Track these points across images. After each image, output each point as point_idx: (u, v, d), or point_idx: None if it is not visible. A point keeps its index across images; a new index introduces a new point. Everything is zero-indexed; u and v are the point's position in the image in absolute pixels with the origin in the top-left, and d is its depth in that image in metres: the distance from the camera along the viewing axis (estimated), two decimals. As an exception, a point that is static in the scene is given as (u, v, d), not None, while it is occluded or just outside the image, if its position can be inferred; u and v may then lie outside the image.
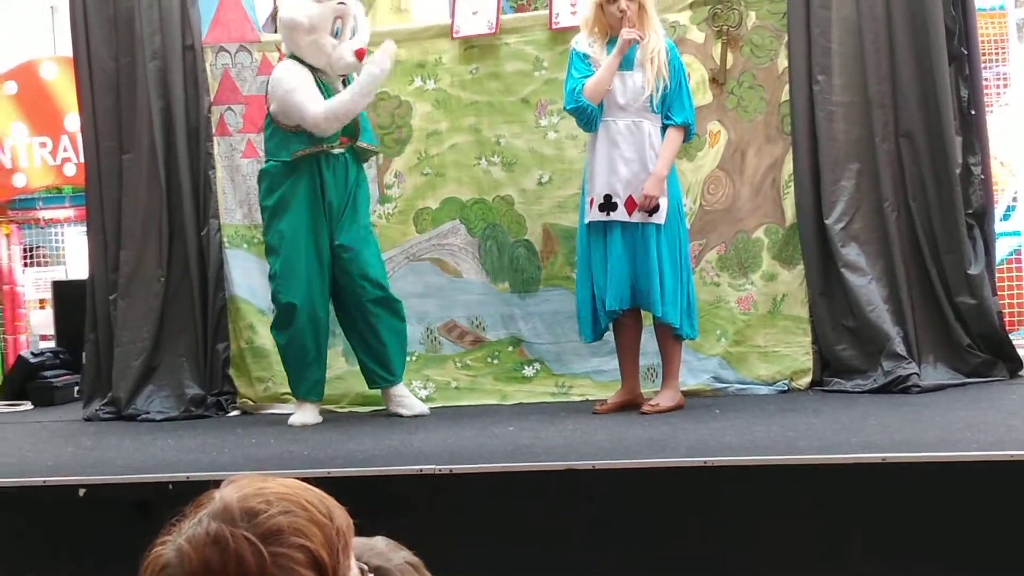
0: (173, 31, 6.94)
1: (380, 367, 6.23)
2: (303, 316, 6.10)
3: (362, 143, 6.15)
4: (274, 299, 6.22)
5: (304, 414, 6.20)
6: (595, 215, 5.83)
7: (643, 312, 5.95)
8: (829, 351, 6.32)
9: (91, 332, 7.09)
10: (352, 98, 5.93)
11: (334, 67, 6.03)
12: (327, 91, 6.04)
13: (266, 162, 6.21)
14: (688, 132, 5.85)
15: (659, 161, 5.76)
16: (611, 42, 5.82)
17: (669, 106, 5.80)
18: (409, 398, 6.29)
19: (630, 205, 5.75)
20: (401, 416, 6.19)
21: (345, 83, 6.11)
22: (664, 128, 5.83)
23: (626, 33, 5.71)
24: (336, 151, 6.07)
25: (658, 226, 5.75)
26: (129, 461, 5.43)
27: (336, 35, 6.02)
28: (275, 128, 6.11)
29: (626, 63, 5.76)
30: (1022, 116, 7.08)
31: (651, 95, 5.75)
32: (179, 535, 1.72)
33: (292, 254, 6.08)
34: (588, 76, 5.78)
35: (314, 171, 6.06)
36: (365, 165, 6.33)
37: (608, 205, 5.79)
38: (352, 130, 6.07)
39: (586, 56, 5.84)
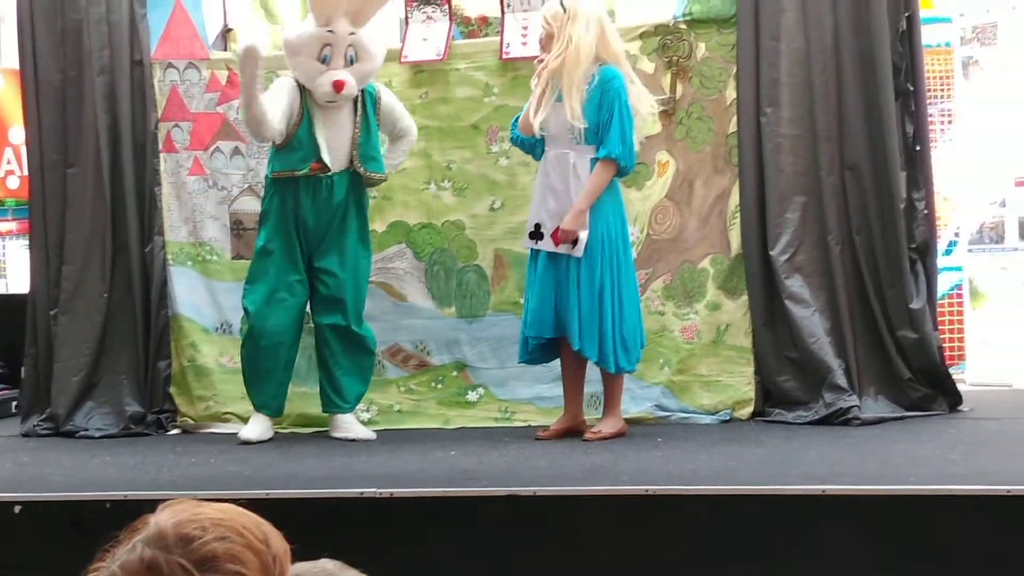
0: (122, 46, 6.89)
1: (335, 393, 6.23)
2: (255, 326, 6.13)
3: (366, 171, 6.14)
4: (243, 301, 6.28)
5: (252, 427, 6.23)
6: (526, 242, 5.92)
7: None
8: (771, 382, 6.35)
9: (31, 347, 7.01)
10: (243, 90, 6.00)
11: (315, 93, 6.04)
12: (308, 115, 6.05)
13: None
14: (619, 167, 5.75)
15: (581, 194, 5.72)
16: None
17: (601, 138, 5.75)
18: (356, 426, 6.28)
19: (556, 236, 5.76)
20: (347, 440, 6.17)
21: (360, 110, 6.15)
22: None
23: (536, 64, 5.82)
24: (310, 175, 6.06)
25: (578, 259, 5.74)
26: (66, 478, 5.37)
27: (324, 61, 6.00)
28: (272, 144, 6.19)
29: (556, 95, 5.78)
30: (966, 152, 7.14)
31: (571, 126, 5.72)
32: (113, 561, 1.69)
33: (257, 265, 6.19)
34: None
35: (287, 192, 6.10)
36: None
37: (536, 234, 5.84)
38: (318, 156, 6.04)
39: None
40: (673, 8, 6.50)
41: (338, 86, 5.95)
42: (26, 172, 7.64)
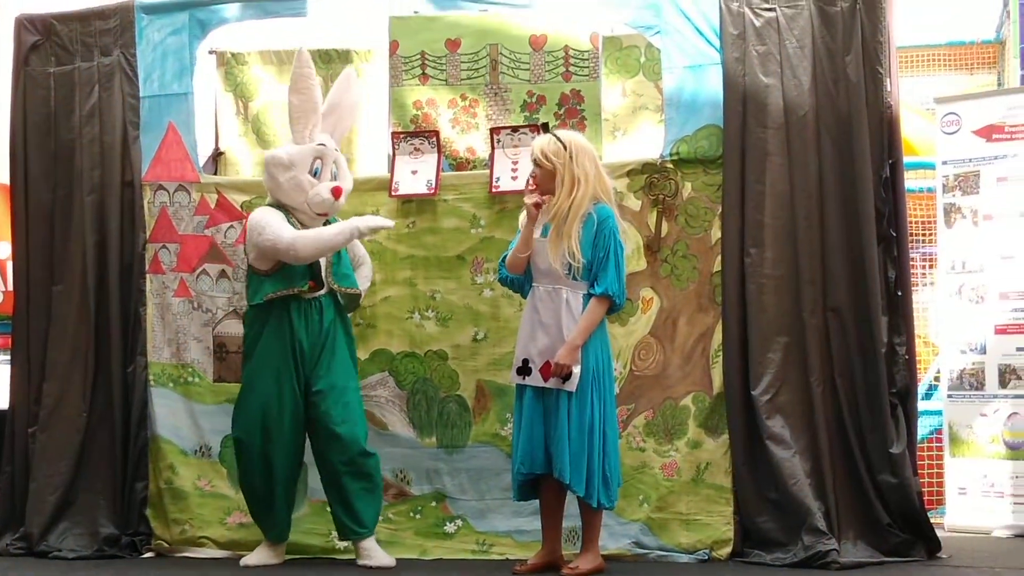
0: (113, 166, 6.97)
1: (352, 520, 6.18)
2: (249, 454, 6.14)
3: (340, 287, 6.19)
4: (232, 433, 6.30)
5: (257, 554, 6.28)
6: (513, 378, 5.90)
7: (568, 475, 5.93)
8: (750, 522, 6.32)
9: (7, 464, 6.97)
10: (327, 234, 6.05)
11: (311, 203, 6.11)
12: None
13: (245, 311, 6.34)
14: (613, 303, 5.82)
15: (576, 330, 5.75)
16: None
17: (595, 275, 5.79)
18: (377, 552, 6.21)
19: (545, 371, 5.76)
20: (368, 568, 6.14)
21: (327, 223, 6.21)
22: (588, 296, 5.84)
23: (527, 198, 5.83)
24: (307, 296, 6.10)
25: (569, 393, 5.75)
26: (37, 602, 5.32)
27: (315, 175, 6.12)
28: (251, 275, 6.21)
29: (545, 230, 5.83)
30: (946, 298, 7.21)
31: (567, 264, 5.76)
32: None
33: (248, 393, 6.19)
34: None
35: (283, 315, 6.12)
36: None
37: (524, 369, 5.83)
38: (317, 275, 6.11)
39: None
40: (660, 147, 6.58)
41: (337, 192, 6.09)
42: (10, 287, 7.65)
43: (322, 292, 6.15)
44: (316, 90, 6.18)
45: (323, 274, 6.13)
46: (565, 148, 5.80)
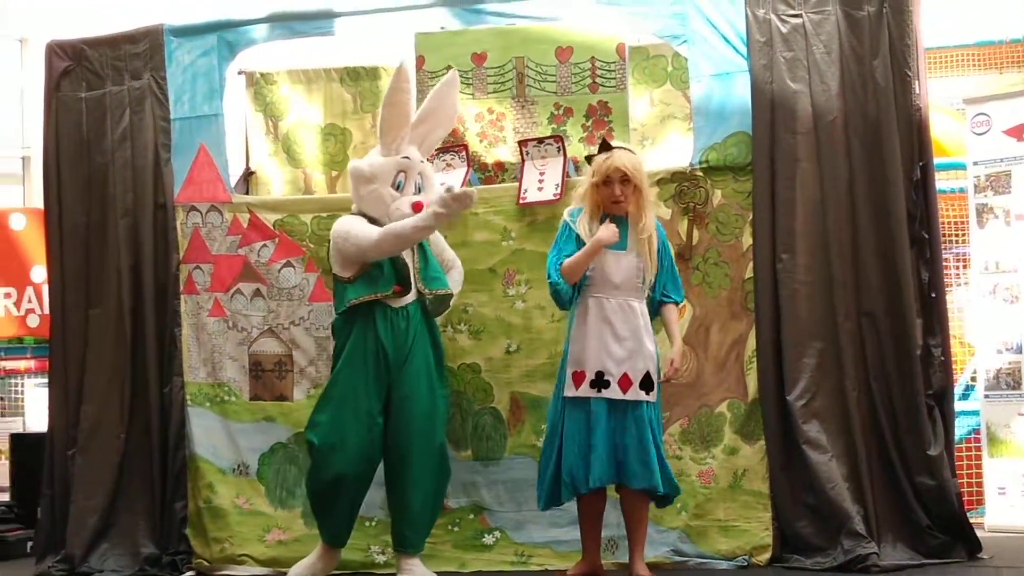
0: (146, 189, 7.03)
1: (411, 530, 6.09)
2: (323, 458, 6.01)
3: (430, 290, 6.12)
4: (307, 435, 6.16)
5: (307, 563, 6.19)
6: (584, 391, 5.77)
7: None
8: (789, 527, 6.31)
9: (47, 487, 7.03)
10: (409, 224, 5.90)
11: (392, 218, 6.00)
12: None
13: (334, 320, 6.26)
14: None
15: (675, 338, 5.94)
16: (603, 219, 5.82)
17: (664, 284, 5.91)
18: (419, 567, 6.12)
19: (624, 383, 5.73)
20: None
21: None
22: (659, 304, 5.95)
23: (604, 233, 5.72)
24: (393, 303, 6.03)
25: (650, 403, 5.76)
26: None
27: (398, 188, 6.05)
28: (336, 284, 6.15)
29: (620, 243, 5.79)
30: (980, 298, 7.19)
31: (644, 276, 5.81)
32: None
33: (328, 399, 6.08)
34: (570, 253, 5.81)
35: (368, 322, 6.02)
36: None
37: (600, 382, 5.75)
38: (405, 279, 6.05)
39: (573, 231, 5.87)
40: (689, 156, 6.59)
41: (418, 207, 5.96)
42: (46, 311, 7.73)
43: (410, 299, 6.08)
44: (409, 104, 6.10)
45: (411, 278, 6.05)
46: (641, 162, 5.87)
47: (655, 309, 5.97)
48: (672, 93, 7.69)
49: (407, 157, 6.07)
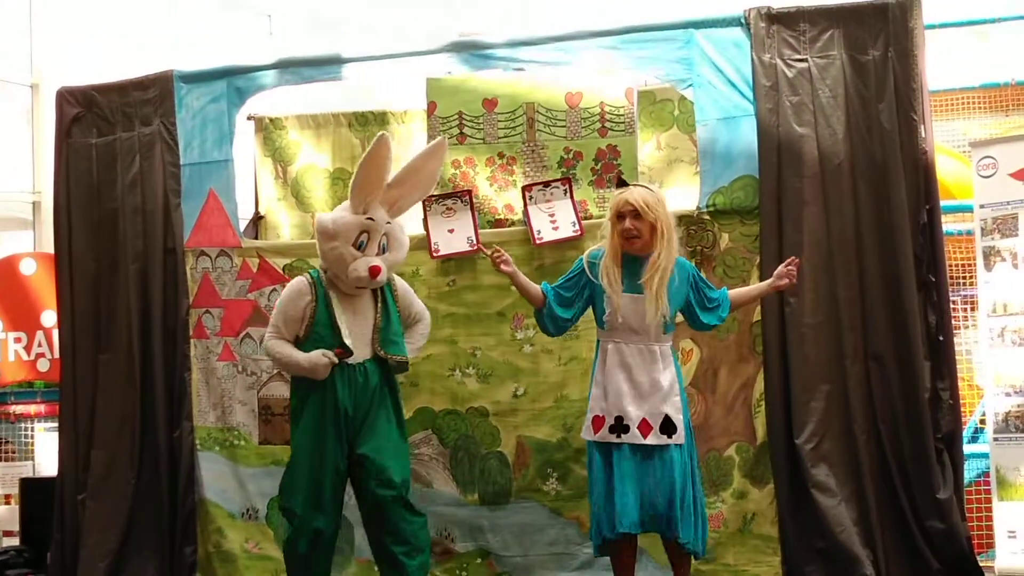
0: (156, 234, 7.08)
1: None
2: (295, 522, 5.96)
3: (387, 354, 6.07)
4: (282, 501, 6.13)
5: None
6: (603, 436, 5.70)
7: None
8: (798, 571, 6.29)
9: (58, 531, 7.06)
10: (287, 356, 5.99)
11: (349, 278, 5.98)
12: (324, 304, 6.03)
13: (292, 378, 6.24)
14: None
15: (757, 288, 6.04)
16: (625, 261, 5.76)
17: (709, 307, 5.89)
18: None
19: (644, 428, 5.65)
20: None
21: (379, 297, 6.14)
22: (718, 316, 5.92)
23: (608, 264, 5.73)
24: (350, 360, 5.99)
25: (679, 445, 5.68)
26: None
27: (360, 248, 6.02)
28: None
29: (636, 287, 5.72)
30: (988, 341, 7.18)
31: (661, 320, 5.70)
32: None
33: (293, 462, 6.04)
34: (560, 286, 5.85)
35: (327, 381, 5.97)
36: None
37: (620, 427, 5.67)
38: (340, 340, 6.00)
39: (582, 269, 5.81)
40: (696, 199, 6.61)
41: (374, 271, 5.92)
42: (56, 355, 7.76)
43: (367, 355, 6.06)
44: (385, 172, 6.03)
45: (347, 340, 5.98)
46: (659, 199, 5.77)
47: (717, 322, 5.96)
48: (679, 136, 7.74)
49: (371, 218, 6.00)
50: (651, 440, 5.64)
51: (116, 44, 10.89)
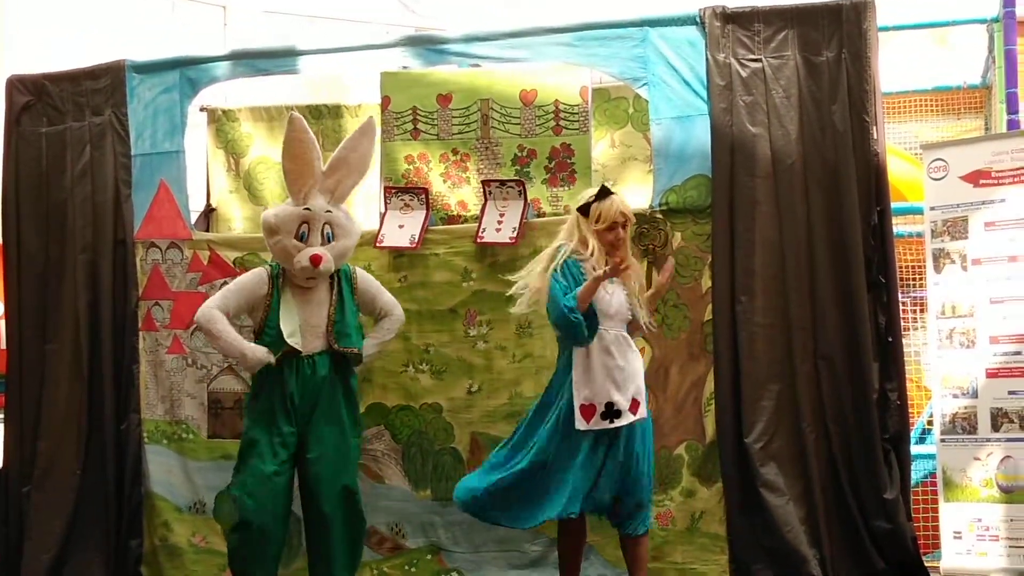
0: (105, 225, 7.01)
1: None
2: (244, 510, 5.99)
3: (339, 347, 6.10)
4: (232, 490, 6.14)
5: None
6: (596, 423, 5.72)
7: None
8: (746, 570, 6.30)
9: (2, 523, 6.99)
10: (228, 336, 6.04)
11: (295, 269, 6.04)
12: (276, 301, 6.05)
13: None
14: None
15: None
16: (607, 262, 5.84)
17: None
18: None
19: (634, 407, 5.76)
20: None
21: (336, 289, 6.17)
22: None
23: (609, 267, 5.74)
24: (302, 352, 6.03)
25: (642, 425, 5.81)
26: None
27: (302, 239, 6.04)
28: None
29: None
30: (936, 342, 7.23)
31: (634, 310, 5.88)
32: None
33: (247, 451, 6.06)
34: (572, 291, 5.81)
35: (272, 374, 6.04)
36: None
37: (611, 413, 5.72)
38: (276, 339, 6.03)
39: (566, 276, 5.82)
40: (649, 197, 6.62)
41: (315, 260, 5.96)
42: (3, 346, 7.68)
43: (319, 347, 6.07)
44: (311, 152, 6.06)
45: (288, 340, 6.00)
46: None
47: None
48: (633, 135, 7.75)
49: (309, 208, 6.05)
50: (640, 414, 5.78)
51: (69, 33, 10.80)
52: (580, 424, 5.75)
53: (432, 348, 6.70)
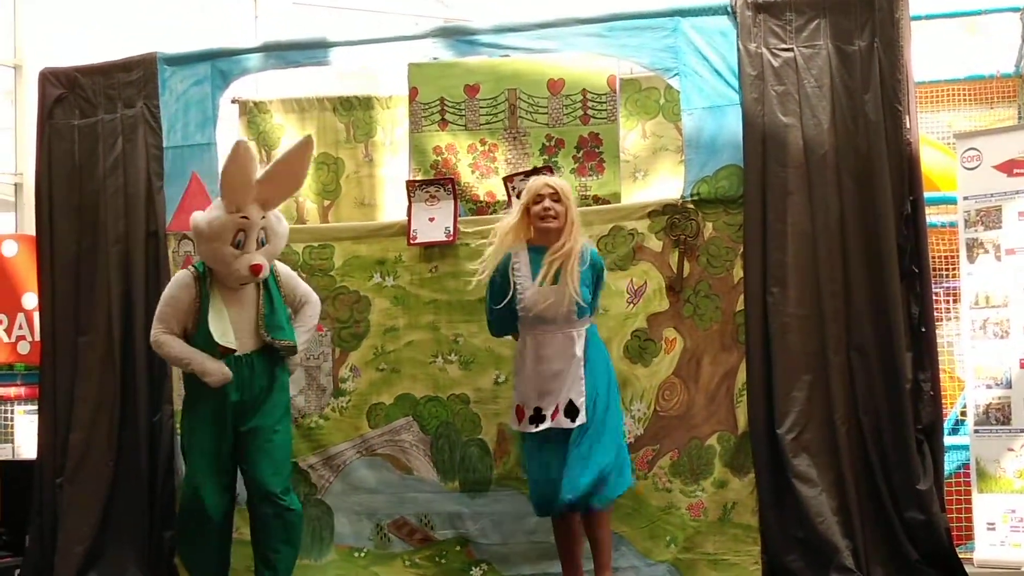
0: (137, 217, 7.03)
1: (267, 569, 6.13)
2: (188, 502, 6.11)
3: (274, 340, 6.09)
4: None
5: None
6: (524, 427, 5.86)
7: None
8: (778, 561, 6.29)
9: (36, 515, 7.02)
10: (187, 354, 6.02)
11: (234, 275, 6.02)
12: (204, 308, 6.02)
13: None
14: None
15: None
16: (533, 255, 5.90)
17: (591, 307, 5.94)
18: None
19: (555, 415, 5.78)
20: None
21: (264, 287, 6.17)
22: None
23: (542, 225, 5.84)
24: (237, 351, 6.03)
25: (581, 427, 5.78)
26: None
27: (238, 246, 6.01)
28: None
29: (532, 273, 5.85)
30: (970, 332, 7.19)
31: (576, 305, 5.79)
32: None
33: (191, 449, 6.12)
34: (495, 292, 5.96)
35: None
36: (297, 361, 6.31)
37: (538, 418, 5.80)
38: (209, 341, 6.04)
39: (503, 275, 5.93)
40: (681, 188, 6.60)
41: (256, 269, 5.97)
42: (37, 338, 7.71)
43: (252, 346, 6.07)
44: (250, 172, 5.98)
45: (219, 340, 5.98)
46: (571, 191, 5.94)
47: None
48: (664, 125, 7.73)
49: (246, 217, 6.00)
50: (556, 424, 5.76)
51: (101, 26, 10.81)
52: (513, 424, 5.94)
53: (461, 338, 6.69)
